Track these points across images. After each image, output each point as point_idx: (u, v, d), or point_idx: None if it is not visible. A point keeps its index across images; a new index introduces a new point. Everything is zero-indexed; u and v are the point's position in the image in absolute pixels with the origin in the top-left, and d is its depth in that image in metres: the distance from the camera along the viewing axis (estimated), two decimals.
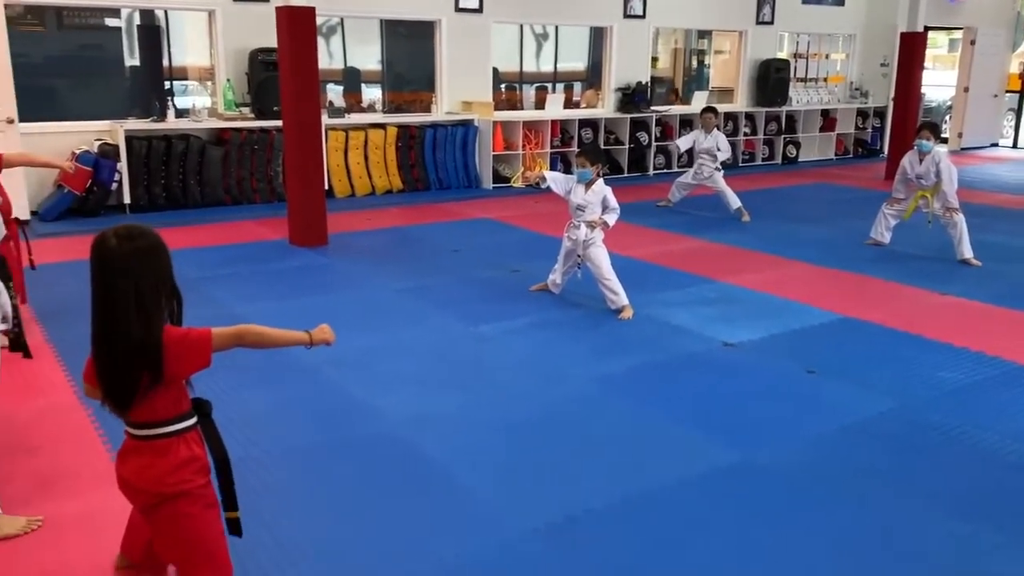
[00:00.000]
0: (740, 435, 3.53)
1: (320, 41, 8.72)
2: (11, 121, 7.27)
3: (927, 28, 11.43)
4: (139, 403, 2.11)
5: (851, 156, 13.38)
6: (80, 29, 9.14)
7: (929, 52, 12.19)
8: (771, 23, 12.48)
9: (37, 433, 2.79)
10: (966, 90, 14.24)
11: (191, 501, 2.18)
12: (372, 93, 10.31)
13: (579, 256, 5.20)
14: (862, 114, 13.36)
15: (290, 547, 2.67)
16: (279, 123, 7.65)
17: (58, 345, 4.46)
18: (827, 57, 13.59)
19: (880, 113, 13.38)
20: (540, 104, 11.01)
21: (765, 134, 12.36)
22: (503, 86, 11.09)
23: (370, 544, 2.71)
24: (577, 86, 11.81)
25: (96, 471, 3.12)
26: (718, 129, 8.45)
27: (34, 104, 7.80)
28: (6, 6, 7.32)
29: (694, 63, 13.22)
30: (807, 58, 13.35)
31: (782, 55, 12.85)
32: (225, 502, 2.25)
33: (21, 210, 6.66)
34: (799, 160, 12.73)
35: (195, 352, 2.11)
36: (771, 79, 12.15)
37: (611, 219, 5.20)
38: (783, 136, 12.52)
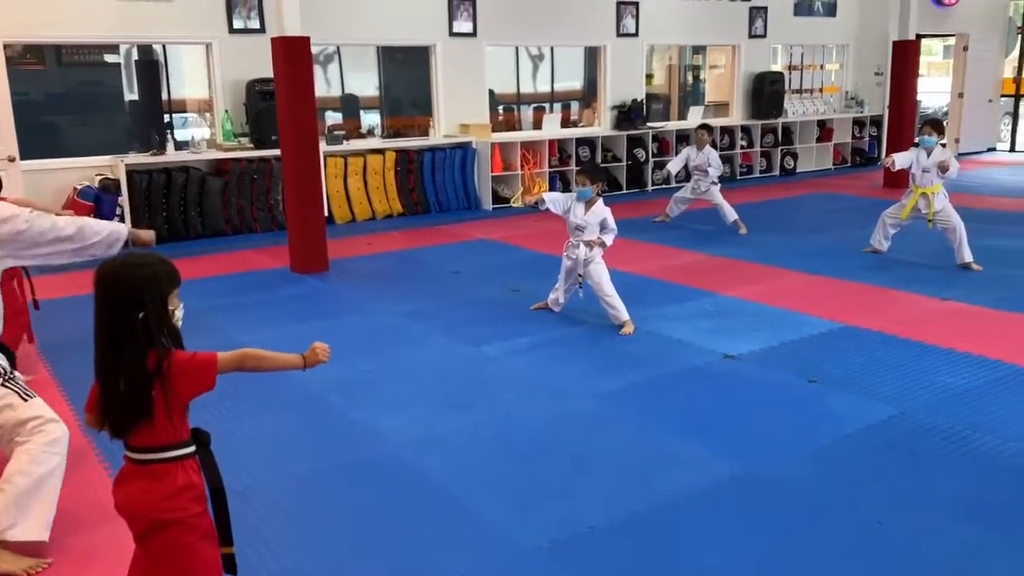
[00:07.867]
0: (743, 447, 3.54)
1: (317, 69, 8.82)
2: (12, 159, 7.35)
3: (919, 36, 11.49)
4: (140, 427, 2.13)
5: (849, 165, 13.41)
6: (79, 66, 9.26)
7: (924, 59, 12.23)
8: (763, 36, 12.57)
9: None
10: (961, 96, 14.30)
11: (186, 530, 2.16)
12: (371, 119, 10.40)
13: (579, 275, 5.23)
14: (858, 123, 13.41)
15: (296, 574, 2.68)
16: (278, 152, 7.72)
17: (62, 380, 4.49)
18: (821, 68, 13.65)
19: (876, 122, 13.42)
20: (538, 124, 11.08)
21: (762, 146, 12.41)
22: (501, 108, 11.17)
23: (376, 567, 2.72)
24: (575, 105, 11.89)
25: (102, 505, 3.12)
26: (711, 146, 8.50)
27: (35, 141, 7.88)
28: (5, 46, 7.42)
29: (689, 79, 13.31)
30: (801, 70, 13.42)
31: (776, 67, 12.94)
32: (221, 536, 2.25)
33: None
34: (797, 171, 12.77)
35: (200, 375, 2.14)
36: (766, 92, 12.23)
37: (608, 239, 5.23)
38: (780, 148, 12.57)
